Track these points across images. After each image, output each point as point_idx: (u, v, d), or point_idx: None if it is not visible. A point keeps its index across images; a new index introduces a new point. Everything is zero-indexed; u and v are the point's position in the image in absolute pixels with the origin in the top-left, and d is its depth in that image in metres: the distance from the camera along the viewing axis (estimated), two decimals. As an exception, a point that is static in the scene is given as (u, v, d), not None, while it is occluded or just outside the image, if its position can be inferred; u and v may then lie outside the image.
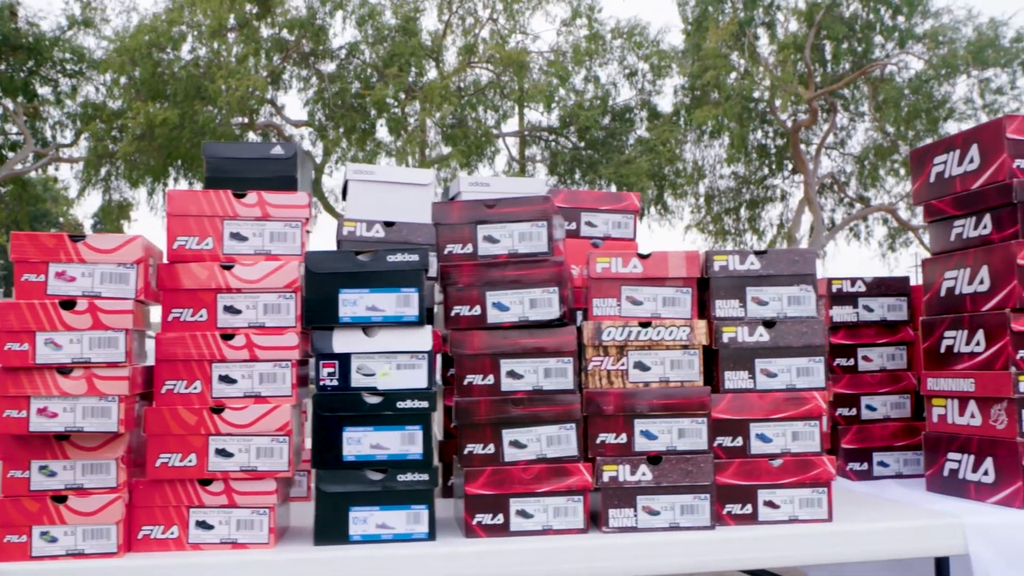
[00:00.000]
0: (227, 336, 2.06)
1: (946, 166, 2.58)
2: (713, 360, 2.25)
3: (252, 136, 18.94)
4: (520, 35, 18.18)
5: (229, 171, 2.61)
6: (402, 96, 17.55)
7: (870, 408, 2.85)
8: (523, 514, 2.11)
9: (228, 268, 2.09)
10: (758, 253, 2.24)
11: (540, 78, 17.77)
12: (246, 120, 17.48)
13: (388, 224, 2.70)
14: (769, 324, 2.22)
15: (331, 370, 2.06)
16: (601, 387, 2.16)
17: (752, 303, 2.24)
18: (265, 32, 17.37)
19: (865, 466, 2.83)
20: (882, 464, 2.83)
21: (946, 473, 2.52)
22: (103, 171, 17.51)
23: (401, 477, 2.06)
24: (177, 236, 2.12)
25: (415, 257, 2.08)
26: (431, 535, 2.07)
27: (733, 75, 17.27)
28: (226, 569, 1.96)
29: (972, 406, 2.44)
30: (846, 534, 2.15)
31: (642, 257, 2.21)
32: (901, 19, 17.47)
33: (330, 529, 2.04)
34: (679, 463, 2.13)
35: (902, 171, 18.18)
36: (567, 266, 2.43)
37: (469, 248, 2.21)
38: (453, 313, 2.17)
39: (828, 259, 19.69)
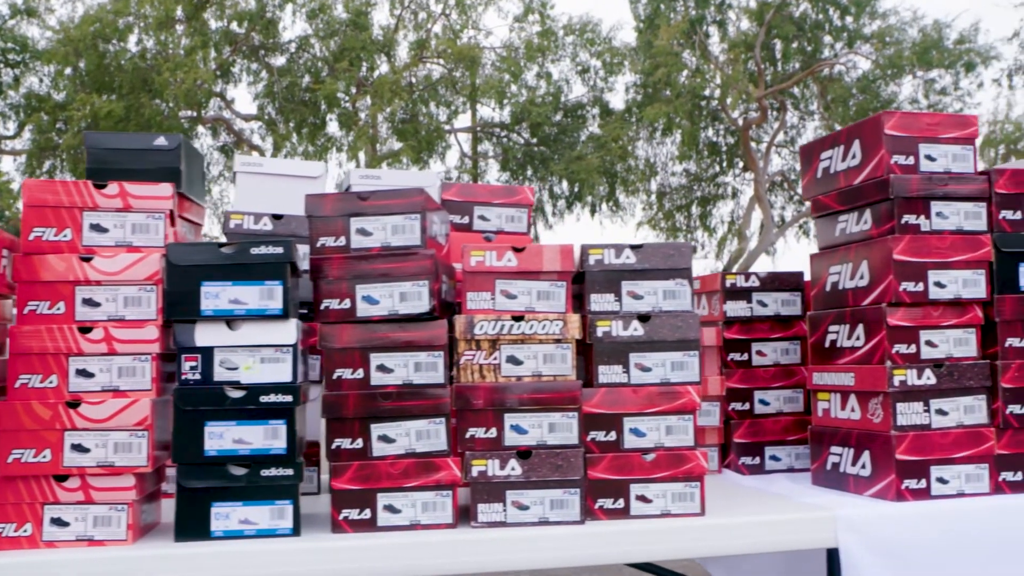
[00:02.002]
0: (85, 329, 2.01)
1: (831, 161, 2.59)
2: (589, 354, 2.24)
3: (201, 129, 18.75)
4: (472, 30, 18.15)
5: (111, 162, 2.56)
6: (353, 91, 17.44)
7: (763, 403, 2.86)
8: (391, 509, 2.09)
9: (87, 260, 2.04)
10: (634, 247, 2.24)
11: (492, 74, 17.76)
12: (194, 114, 17.28)
13: (277, 217, 2.67)
14: (644, 318, 2.21)
15: (193, 364, 2.02)
16: (473, 381, 2.14)
17: (627, 297, 2.23)
18: (214, 24, 17.18)
19: (757, 460, 2.84)
20: (774, 458, 2.85)
21: (829, 467, 2.54)
22: (47, 164, 17.23)
23: (265, 472, 2.03)
24: (33, 227, 2.07)
25: (279, 250, 2.05)
26: (295, 531, 2.04)
27: (684, 73, 17.36)
28: (81, 567, 1.92)
29: (852, 400, 2.45)
30: (717, 528, 2.15)
31: (517, 251, 2.20)
32: (849, 19, 17.68)
33: (191, 525, 2.01)
34: (549, 458, 2.12)
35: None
36: (446, 259, 2.42)
37: (342, 241, 2.18)
38: (323, 306, 2.14)
39: (778, 256, 19.88)
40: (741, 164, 19.29)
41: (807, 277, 2.90)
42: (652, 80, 17.33)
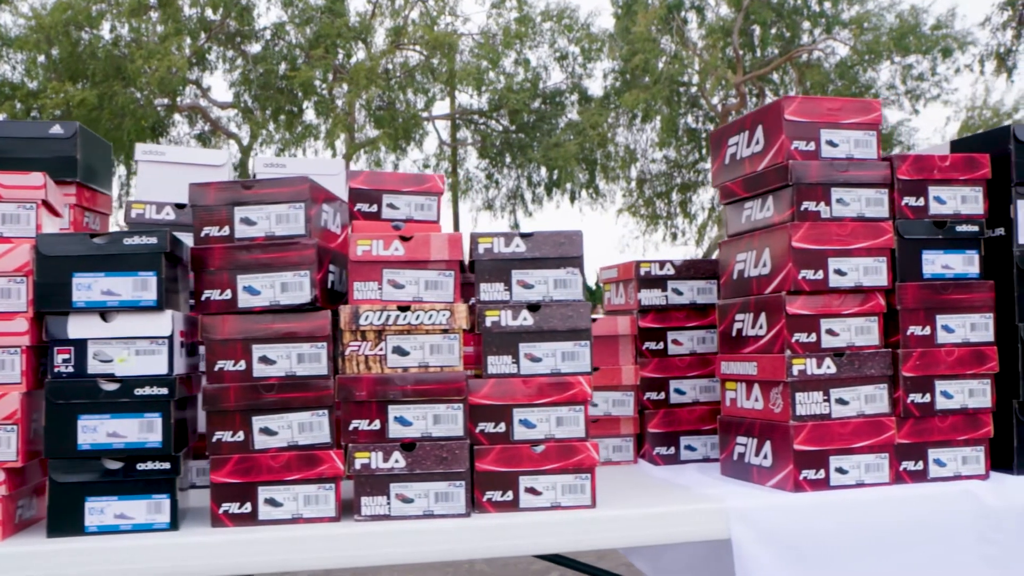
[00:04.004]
0: (-48, 322, 1.97)
1: (738, 147, 2.56)
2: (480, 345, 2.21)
3: (178, 117, 18.64)
4: (449, 17, 18.06)
5: (5, 151, 2.53)
6: (330, 78, 17.34)
7: (679, 392, 2.84)
8: (272, 502, 2.05)
9: (-45, 251, 2.00)
10: (524, 235, 2.21)
11: (470, 61, 17.68)
12: (169, 102, 17.16)
13: (179, 206, 2.63)
14: (534, 308, 2.18)
15: (66, 356, 1.98)
16: (358, 372, 2.11)
17: (517, 286, 2.20)
18: (188, 11, 17.05)
19: (672, 450, 2.81)
20: (689, 448, 2.82)
21: (735, 457, 2.51)
22: (20, 152, 17.08)
23: (140, 466, 1.99)
24: (-101, 217, 2.02)
25: (153, 240, 2.01)
26: (173, 525, 2.01)
27: (663, 59, 17.31)
28: (-52, 564, 1.88)
29: (756, 390, 2.43)
30: (606, 520, 2.12)
31: (404, 239, 2.16)
32: (828, 5, 17.63)
33: (64, 520, 1.97)
34: (433, 450, 2.09)
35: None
36: (343, 249, 2.38)
37: (226, 230, 2.14)
38: (203, 298, 2.10)
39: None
40: (720, 150, 19.25)
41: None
42: (630, 66, 17.27)
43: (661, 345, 2.85)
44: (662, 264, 2.85)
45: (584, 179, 18.72)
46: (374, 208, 2.73)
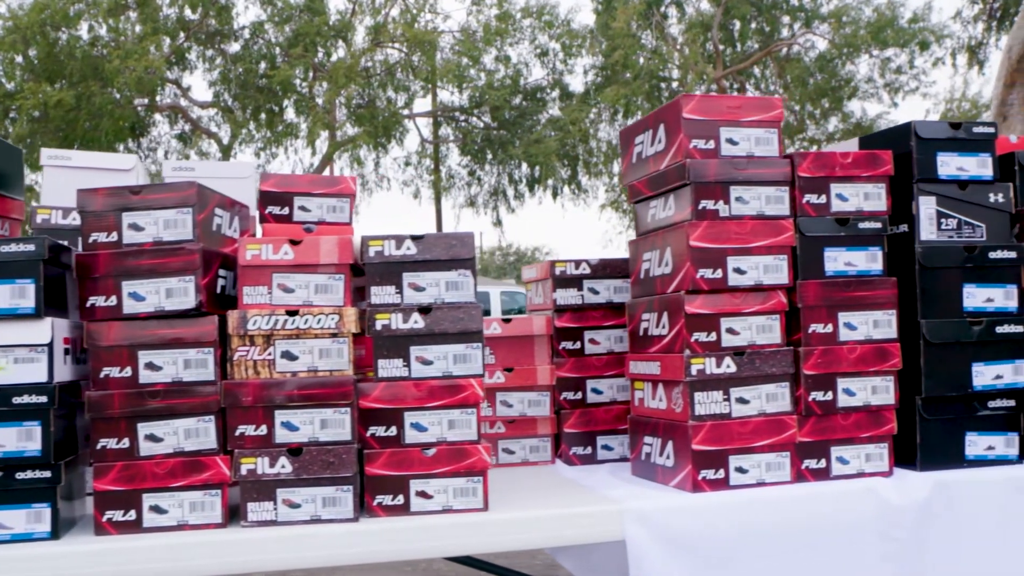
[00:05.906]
0: None
1: (643, 146, 2.55)
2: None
3: (158, 117, 18.58)
4: (430, 14, 18.02)
5: (-94, 156, 2.51)
6: (310, 76, 17.30)
7: (596, 391, 2.83)
8: (157, 509, 2.04)
9: None
10: (415, 237, 2.19)
11: (451, 58, 17.65)
12: (148, 102, 17.10)
13: (86, 210, 2.61)
14: (425, 310, 2.17)
15: (-57, 365, 1.97)
16: (247, 377, 2.10)
17: (409, 289, 2.19)
18: (166, 10, 16.99)
19: (589, 450, 2.80)
20: (606, 448, 2.81)
21: (643, 457, 2.51)
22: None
23: (20, 475, 1.98)
24: None
25: (31, 247, 1.99)
26: (54, 534, 1.99)
27: (643, 54, 17.29)
28: None
29: (660, 390, 2.42)
30: (498, 523, 2.11)
31: (293, 243, 2.15)
32: (807, -1, 17.63)
33: (-57, 531, 1.96)
34: (320, 455, 2.07)
35: (813, 148, 18.40)
36: (232, 253, 2.36)
37: (114, 236, 2.12)
38: (89, 304, 2.09)
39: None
40: (702, 145, 19.24)
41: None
42: (610, 62, 17.25)
43: (578, 344, 2.83)
44: (578, 263, 2.84)
45: (566, 175, 18.70)
46: (285, 211, 2.71)
